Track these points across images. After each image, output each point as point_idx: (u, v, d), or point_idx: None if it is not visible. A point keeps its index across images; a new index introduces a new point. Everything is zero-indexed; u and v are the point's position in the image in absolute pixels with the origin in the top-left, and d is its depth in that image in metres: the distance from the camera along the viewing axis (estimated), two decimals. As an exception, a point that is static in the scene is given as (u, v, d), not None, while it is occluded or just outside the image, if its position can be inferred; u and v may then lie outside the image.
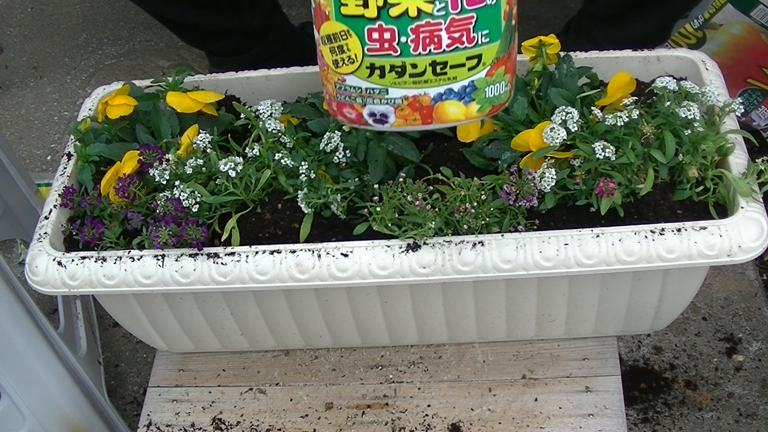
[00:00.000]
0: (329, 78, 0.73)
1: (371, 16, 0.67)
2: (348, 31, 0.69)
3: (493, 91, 0.72)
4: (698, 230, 0.81)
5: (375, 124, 0.73)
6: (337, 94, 0.73)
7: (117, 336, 1.33)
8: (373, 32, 0.68)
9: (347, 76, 0.71)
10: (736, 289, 1.25)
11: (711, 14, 1.34)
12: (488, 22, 0.69)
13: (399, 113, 0.71)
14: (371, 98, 0.71)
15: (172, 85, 1.00)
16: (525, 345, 1.05)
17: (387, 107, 0.71)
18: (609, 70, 0.99)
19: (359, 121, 0.73)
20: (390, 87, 0.70)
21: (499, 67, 0.71)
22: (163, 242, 0.86)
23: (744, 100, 1.35)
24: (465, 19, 0.68)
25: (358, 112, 0.73)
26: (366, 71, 0.70)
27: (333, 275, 0.85)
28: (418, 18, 0.67)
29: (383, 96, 0.71)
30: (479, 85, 0.71)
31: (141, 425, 1.04)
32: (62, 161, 0.99)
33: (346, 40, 0.69)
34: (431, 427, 0.99)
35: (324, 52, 0.72)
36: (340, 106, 0.74)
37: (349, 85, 0.72)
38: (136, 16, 1.92)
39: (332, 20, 0.70)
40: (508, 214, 0.85)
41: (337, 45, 0.70)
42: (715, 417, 1.12)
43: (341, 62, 0.71)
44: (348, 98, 0.73)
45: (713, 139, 0.86)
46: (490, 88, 0.71)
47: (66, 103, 1.76)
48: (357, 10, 0.68)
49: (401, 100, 0.71)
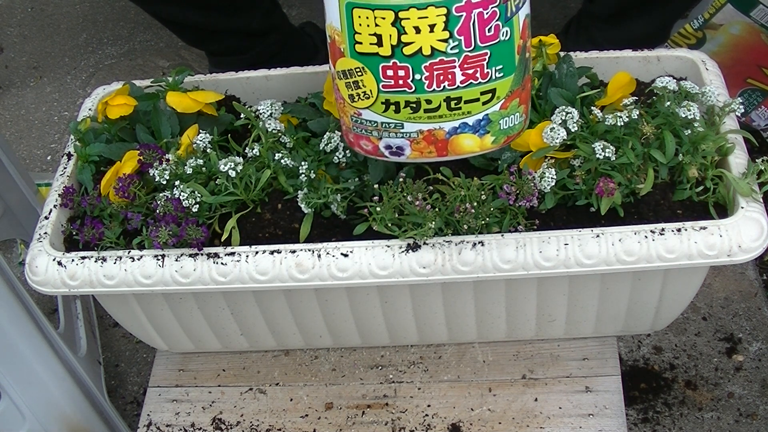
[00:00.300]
0: (345, 111, 0.74)
1: (385, 54, 0.68)
2: (363, 68, 0.70)
3: (508, 122, 0.72)
4: (698, 230, 0.81)
5: (391, 156, 0.73)
6: (353, 126, 0.74)
7: (117, 336, 1.33)
8: (388, 69, 0.69)
9: (363, 111, 0.72)
10: (736, 289, 1.25)
11: (711, 14, 1.34)
12: (502, 57, 0.69)
13: (414, 146, 0.72)
14: (387, 132, 0.72)
15: (172, 85, 1.00)
16: (525, 345, 1.05)
17: (403, 140, 0.72)
18: (609, 70, 0.99)
19: (375, 152, 0.74)
20: (405, 122, 0.71)
21: (513, 100, 0.71)
22: (163, 242, 0.86)
23: (744, 100, 1.35)
24: (479, 56, 0.68)
25: (374, 145, 0.74)
26: (381, 106, 0.71)
27: (333, 275, 0.85)
28: (431, 56, 0.67)
29: (399, 130, 0.71)
30: (494, 118, 0.71)
31: (141, 425, 1.04)
32: (62, 161, 0.99)
33: (361, 76, 0.70)
34: (431, 427, 0.99)
35: (340, 87, 0.73)
36: (357, 138, 0.74)
37: (365, 119, 0.72)
38: (136, 16, 1.92)
39: (347, 57, 0.70)
40: (508, 214, 0.85)
41: (352, 80, 0.71)
42: (715, 417, 1.12)
43: (357, 97, 0.71)
44: (364, 131, 0.73)
45: (713, 139, 0.86)
46: (504, 120, 0.72)
47: (66, 103, 1.76)
48: (371, 48, 0.68)
49: (416, 134, 0.71)
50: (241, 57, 1.48)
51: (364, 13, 0.67)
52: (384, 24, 0.67)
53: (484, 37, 0.68)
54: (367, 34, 0.68)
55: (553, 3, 1.79)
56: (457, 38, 0.67)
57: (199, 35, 1.48)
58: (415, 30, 0.66)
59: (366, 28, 0.67)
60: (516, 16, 0.69)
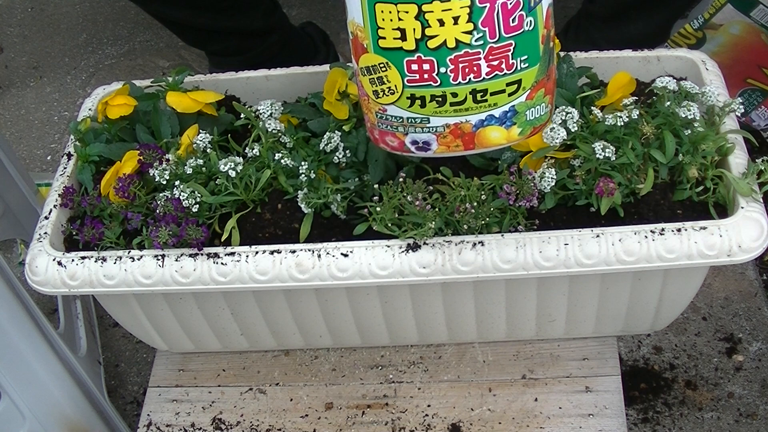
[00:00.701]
0: (370, 107, 0.74)
1: (410, 48, 0.67)
2: (387, 63, 0.69)
3: (534, 113, 0.72)
4: (698, 230, 0.81)
5: (418, 151, 0.73)
6: (378, 123, 0.74)
7: (117, 336, 1.33)
8: (412, 64, 0.68)
9: (388, 106, 0.72)
10: (736, 289, 1.25)
11: (711, 14, 1.34)
12: (527, 47, 0.69)
13: (441, 140, 0.72)
14: (413, 127, 0.72)
15: (172, 85, 1.00)
16: (525, 345, 1.05)
17: (429, 135, 0.72)
18: (609, 70, 0.99)
19: (402, 149, 0.74)
20: (431, 116, 0.70)
21: (539, 90, 0.71)
22: (163, 242, 0.86)
23: (744, 100, 1.35)
24: (503, 46, 0.68)
25: (400, 141, 0.73)
26: (407, 101, 0.70)
27: (333, 275, 0.85)
28: (456, 49, 0.67)
29: (425, 125, 0.71)
30: (520, 110, 0.71)
31: (141, 425, 1.04)
32: (62, 161, 0.99)
33: (386, 71, 0.70)
34: (431, 427, 0.99)
35: (364, 83, 0.73)
36: (382, 134, 0.74)
37: (390, 115, 0.72)
38: (136, 16, 1.92)
39: (371, 53, 0.70)
40: (508, 214, 0.85)
41: (376, 76, 0.70)
42: (715, 417, 1.12)
43: (381, 93, 0.71)
44: (390, 127, 0.73)
45: (713, 139, 0.86)
46: (530, 111, 0.71)
47: (66, 103, 1.76)
48: (395, 43, 0.68)
49: (443, 128, 0.71)
50: (241, 57, 1.48)
51: (387, 8, 0.67)
52: (407, 18, 0.66)
53: (508, 27, 0.67)
54: (391, 29, 0.67)
55: (553, 3, 1.79)
56: (482, 30, 0.66)
57: (199, 35, 1.48)
58: (439, 23, 0.66)
59: (389, 23, 0.67)
60: (539, 5, 0.68)
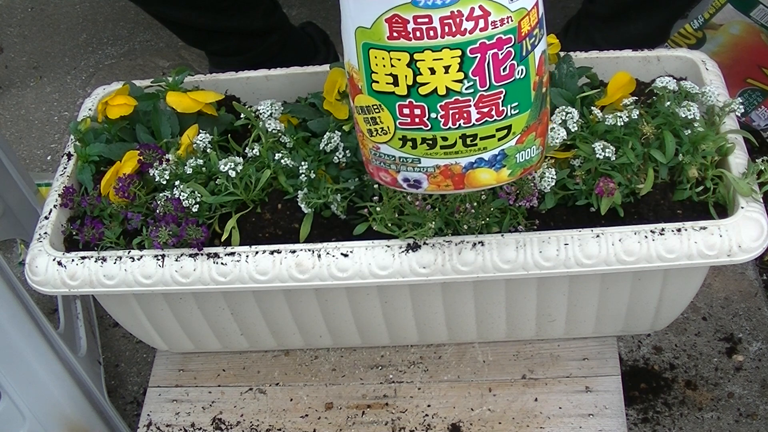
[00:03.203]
0: (365, 144, 0.75)
1: (401, 93, 0.69)
2: (380, 106, 0.71)
3: (524, 156, 0.73)
4: (698, 230, 0.81)
5: (409, 188, 0.75)
6: (372, 159, 0.76)
7: (117, 336, 1.33)
8: (404, 108, 0.69)
9: (381, 145, 0.73)
10: (736, 289, 1.25)
11: (711, 14, 1.34)
12: (517, 95, 0.70)
13: (432, 180, 0.73)
14: (404, 166, 0.73)
15: (172, 85, 1.00)
16: (525, 345, 1.05)
17: (420, 174, 0.73)
18: (609, 70, 0.99)
19: (394, 184, 0.75)
20: (422, 157, 0.72)
21: (529, 134, 0.72)
22: (163, 242, 0.86)
23: (744, 100, 1.35)
24: (494, 94, 0.69)
25: (393, 177, 0.75)
26: (399, 142, 0.72)
27: (333, 275, 0.85)
28: (447, 96, 0.68)
29: (416, 164, 0.72)
30: (509, 153, 0.71)
31: (141, 425, 1.04)
32: (62, 161, 0.99)
33: (379, 113, 0.71)
34: (431, 427, 0.99)
35: (359, 121, 0.74)
36: (377, 169, 0.76)
37: (383, 153, 0.74)
38: (136, 16, 1.92)
39: (365, 94, 0.71)
40: (508, 214, 0.85)
41: (370, 116, 0.72)
42: (715, 417, 1.12)
43: (375, 132, 0.73)
44: (383, 164, 0.74)
45: (713, 139, 0.86)
46: (520, 154, 0.72)
47: (66, 103, 1.76)
48: (388, 87, 0.69)
49: (434, 169, 0.72)
50: (241, 57, 1.48)
51: (380, 54, 0.68)
52: (399, 65, 0.68)
53: (499, 76, 0.68)
54: (384, 74, 0.69)
55: (553, 3, 1.79)
56: (472, 78, 0.67)
57: (199, 35, 1.48)
58: (430, 71, 0.67)
59: (382, 68, 0.69)
60: (531, 54, 0.69)
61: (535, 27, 0.70)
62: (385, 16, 0.66)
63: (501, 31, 0.67)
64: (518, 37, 0.68)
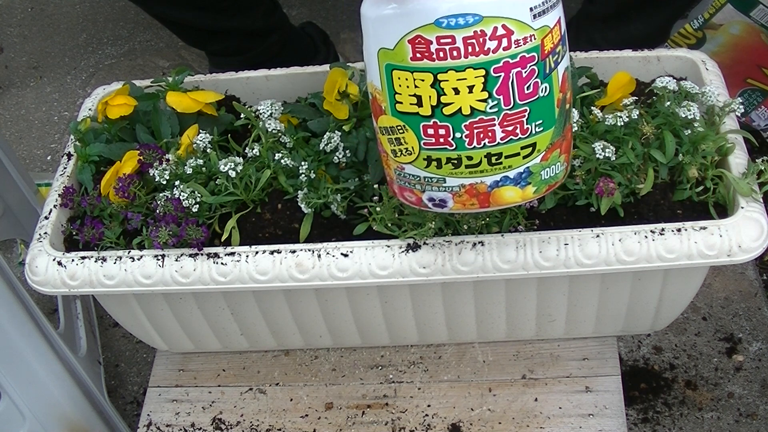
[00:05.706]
0: (389, 164, 0.75)
1: (426, 114, 0.69)
2: (404, 126, 0.70)
3: (549, 173, 0.73)
4: (698, 230, 0.81)
5: (434, 208, 0.75)
6: (397, 179, 0.76)
7: (117, 336, 1.33)
8: (429, 128, 0.69)
9: (406, 165, 0.73)
10: (736, 289, 1.25)
11: (711, 14, 1.34)
12: (542, 112, 0.70)
13: (457, 199, 0.73)
14: (429, 186, 0.73)
15: (172, 85, 1.00)
16: (525, 345, 1.05)
17: (445, 194, 0.73)
18: (609, 70, 0.99)
19: (419, 204, 0.75)
20: (447, 176, 0.72)
21: (554, 151, 0.72)
22: (163, 242, 0.86)
23: (744, 100, 1.35)
24: (518, 113, 0.69)
25: (417, 197, 0.75)
26: (423, 162, 0.72)
27: (333, 275, 0.85)
28: (471, 116, 0.68)
29: (441, 184, 0.72)
30: (534, 170, 0.71)
31: (141, 425, 1.04)
32: (62, 161, 0.99)
33: (403, 133, 0.71)
34: (431, 427, 0.99)
35: (383, 141, 0.74)
36: (401, 189, 0.76)
37: (407, 173, 0.74)
38: (136, 16, 1.92)
39: (389, 115, 0.71)
40: (507, 214, 0.85)
41: (394, 137, 0.72)
42: (715, 417, 1.12)
43: (399, 153, 0.73)
44: (408, 184, 0.74)
45: (713, 139, 0.86)
46: (545, 171, 0.72)
47: (66, 103, 1.76)
48: (411, 108, 0.69)
49: (459, 188, 0.72)
50: (241, 57, 1.48)
51: (404, 75, 0.68)
52: (423, 86, 0.68)
53: (523, 95, 0.68)
54: (407, 95, 0.69)
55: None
56: (496, 98, 0.67)
57: (199, 36, 1.48)
58: (454, 91, 0.67)
59: (406, 89, 0.68)
60: (555, 71, 0.69)
61: (558, 44, 0.70)
62: (408, 37, 0.66)
63: (524, 49, 0.67)
64: (541, 55, 0.68)
